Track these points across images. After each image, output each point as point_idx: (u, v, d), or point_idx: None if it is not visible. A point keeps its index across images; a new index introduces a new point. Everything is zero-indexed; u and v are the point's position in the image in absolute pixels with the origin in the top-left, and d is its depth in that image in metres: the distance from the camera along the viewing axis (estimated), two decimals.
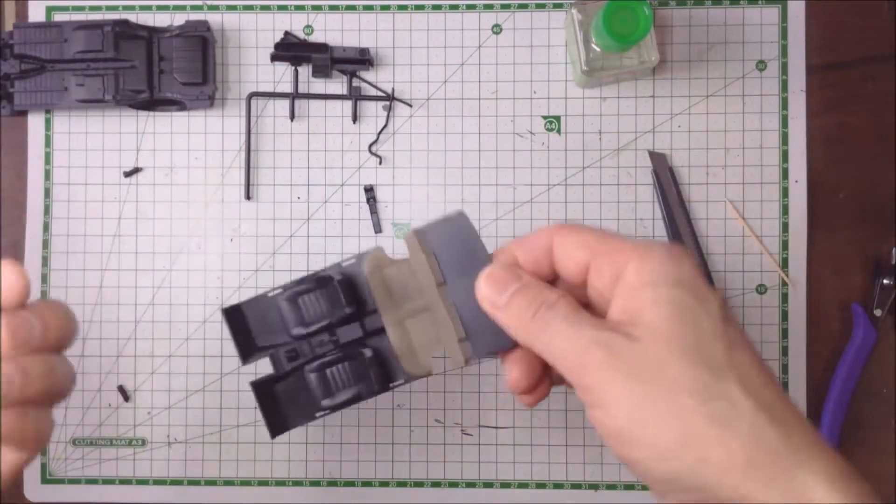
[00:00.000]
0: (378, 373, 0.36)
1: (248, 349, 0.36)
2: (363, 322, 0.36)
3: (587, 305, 0.32)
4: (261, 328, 0.36)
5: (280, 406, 0.36)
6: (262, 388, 0.36)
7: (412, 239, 0.34)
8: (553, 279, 0.34)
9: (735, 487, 0.27)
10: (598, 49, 0.54)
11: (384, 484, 0.58)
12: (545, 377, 0.35)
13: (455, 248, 0.34)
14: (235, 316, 0.36)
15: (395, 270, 0.36)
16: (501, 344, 0.33)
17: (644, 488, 0.57)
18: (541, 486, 0.57)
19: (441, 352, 0.35)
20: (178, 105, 0.58)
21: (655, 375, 0.28)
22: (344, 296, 0.35)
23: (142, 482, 0.58)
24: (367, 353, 0.36)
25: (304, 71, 0.58)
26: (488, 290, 0.32)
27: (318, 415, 0.36)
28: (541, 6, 0.58)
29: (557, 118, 0.58)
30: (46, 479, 0.58)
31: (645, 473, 0.29)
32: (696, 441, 0.27)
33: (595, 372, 0.29)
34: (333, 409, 0.36)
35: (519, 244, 0.34)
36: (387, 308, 0.35)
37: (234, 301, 0.47)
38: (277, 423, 0.36)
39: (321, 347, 0.36)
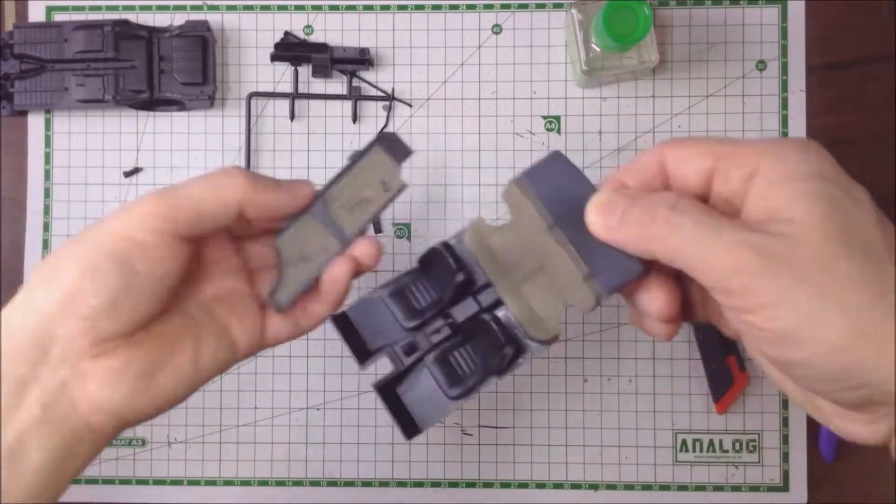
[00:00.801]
0: (509, 346, 0.33)
1: (363, 353, 0.35)
2: (477, 299, 0.34)
3: None
4: (372, 330, 0.35)
5: (412, 408, 0.34)
6: (386, 390, 0.34)
7: (512, 189, 0.32)
8: None
9: None
10: (598, 49, 0.54)
11: (384, 484, 0.58)
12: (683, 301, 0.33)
13: (558, 188, 0.31)
14: (344, 322, 0.35)
15: (500, 237, 0.34)
16: (630, 271, 0.30)
17: (645, 488, 0.57)
18: (541, 486, 0.57)
19: (565, 309, 0.33)
20: (178, 105, 0.58)
21: (822, 272, 0.26)
22: (453, 261, 0.33)
23: (142, 482, 0.58)
24: (493, 325, 0.33)
25: (304, 71, 0.58)
26: (599, 217, 0.30)
27: (451, 407, 0.34)
28: (541, 6, 0.58)
29: (557, 118, 0.58)
30: None
31: (809, 373, 0.28)
32: (872, 335, 0.26)
33: (750, 276, 0.27)
34: (465, 395, 0.34)
35: (626, 169, 0.31)
36: (499, 277, 0.33)
37: None
38: (409, 424, 0.35)
39: (438, 335, 0.34)
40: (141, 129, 0.59)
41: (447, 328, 0.34)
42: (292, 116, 0.58)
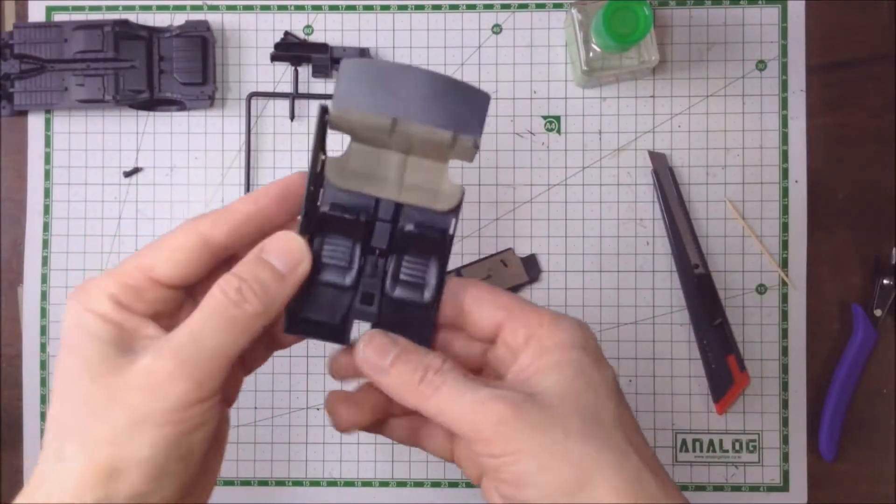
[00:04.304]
0: (428, 239, 0.34)
1: (339, 334, 0.34)
2: (381, 218, 0.34)
3: (478, 371, 0.35)
4: (325, 310, 0.34)
5: (406, 333, 0.34)
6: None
7: (334, 115, 0.32)
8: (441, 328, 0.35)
9: None
10: (598, 49, 0.54)
11: (384, 484, 0.58)
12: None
13: (372, 86, 0.32)
14: (300, 326, 0.34)
15: (355, 158, 0.34)
16: (483, 101, 0.33)
17: None
18: None
19: (447, 171, 0.34)
20: (178, 105, 0.58)
21: (554, 426, 0.30)
22: (342, 211, 0.33)
23: None
24: (409, 226, 0.34)
25: (304, 71, 0.58)
26: (370, 353, 0.32)
27: (438, 308, 0.34)
28: (541, 6, 0.58)
29: (557, 118, 0.58)
30: None
31: None
32: (589, 484, 0.30)
33: (496, 424, 0.30)
34: (438, 294, 0.34)
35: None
36: (381, 188, 0.33)
37: None
38: (425, 342, 0.34)
39: (374, 270, 0.34)
40: (141, 129, 0.59)
41: (380, 259, 0.34)
42: (292, 116, 0.58)
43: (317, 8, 0.59)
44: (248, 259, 0.31)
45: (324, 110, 0.32)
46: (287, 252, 0.31)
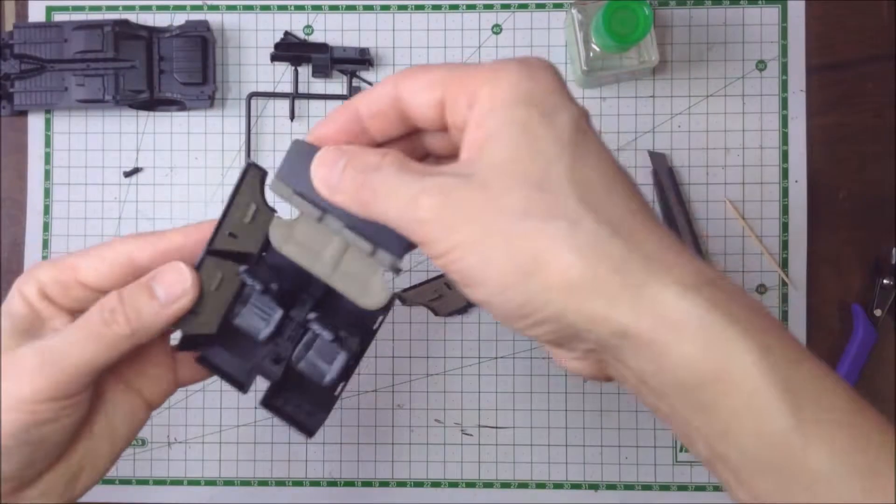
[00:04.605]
0: (355, 326, 0.35)
1: (240, 379, 0.35)
2: (309, 292, 0.35)
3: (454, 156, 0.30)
4: (236, 355, 0.35)
5: (298, 407, 0.36)
6: (273, 402, 0.36)
7: (276, 185, 0.32)
8: (409, 133, 0.31)
9: (580, 309, 0.25)
10: (598, 49, 0.54)
11: (384, 484, 0.58)
12: None
13: (303, 174, 0.31)
14: (211, 357, 0.35)
15: (301, 228, 0.34)
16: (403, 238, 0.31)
17: (645, 488, 0.57)
18: (541, 486, 0.57)
19: (382, 273, 0.33)
20: (178, 105, 0.58)
21: (489, 208, 0.25)
22: (272, 277, 0.34)
23: (142, 482, 0.58)
24: (318, 325, 0.34)
25: (304, 71, 0.58)
26: (320, 170, 0.30)
27: (336, 394, 0.35)
28: (541, 6, 0.58)
29: None
30: None
31: (497, 311, 0.27)
32: (537, 266, 0.25)
33: (429, 223, 0.26)
34: (338, 381, 0.35)
35: (361, 98, 0.30)
36: (316, 264, 0.33)
37: None
38: (306, 423, 0.36)
39: (294, 336, 0.35)
40: (141, 129, 0.59)
41: (300, 328, 0.35)
42: (292, 116, 0.58)
43: (317, 8, 0.59)
44: (137, 283, 0.33)
45: (250, 166, 0.33)
46: (172, 284, 0.32)
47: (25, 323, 0.33)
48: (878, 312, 0.56)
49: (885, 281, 0.56)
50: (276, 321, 0.35)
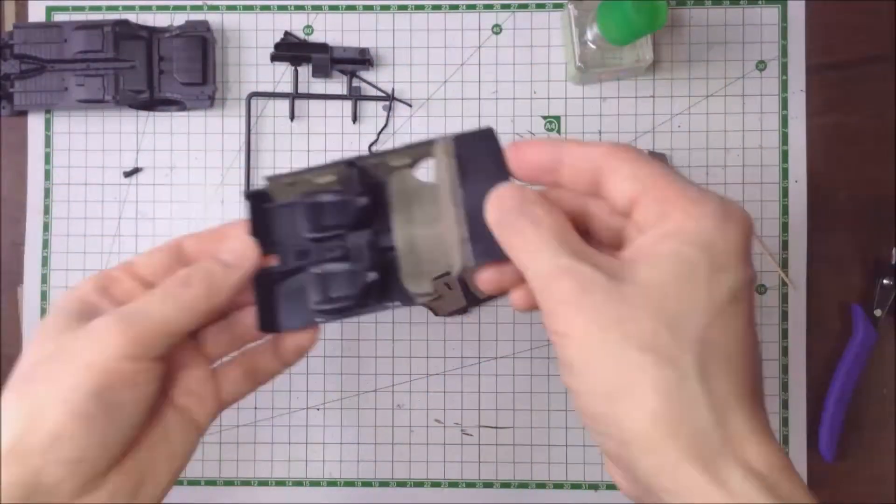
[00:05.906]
0: (376, 285, 0.35)
1: (264, 243, 0.36)
2: (376, 231, 0.35)
3: (619, 237, 0.31)
4: (281, 226, 0.36)
5: (279, 305, 0.36)
6: (263, 280, 0.36)
7: (441, 145, 0.34)
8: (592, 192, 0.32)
9: (646, 453, 0.26)
10: (592, 46, 0.54)
11: (384, 484, 0.58)
12: None
13: (478, 158, 0.33)
14: (259, 208, 0.36)
15: (417, 185, 0.35)
16: (498, 253, 0.32)
17: None
18: (541, 486, 0.57)
19: (442, 269, 0.34)
20: (178, 105, 0.58)
21: (617, 321, 0.27)
22: (362, 186, 0.35)
23: None
24: (367, 258, 0.35)
25: (304, 71, 0.58)
26: (491, 205, 0.32)
27: (309, 318, 0.35)
28: (541, 6, 0.58)
29: (557, 118, 0.58)
30: None
31: (577, 404, 0.29)
32: (629, 395, 0.26)
33: (559, 301, 0.28)
34: (327, 314, 0.35)
35: (569, 149, 0.31)
36: (400, 211, 0.35)
37: None
38: (270, 319, 0.36)
39: (330, 252, 0.35)
40: (141, 129, 0.59)
41: (339, 249, 0.35)
42: (292, 116, 0.58)
43: (317, 8, 0.59)
44: (204, 253, 0.36)
45: (446, 140, 0.34)
46: (235, 249, 0.35)
47: (80, 311, 0.33)
48: (878, 312, 0.56)
49: (885, 281, 0.56)
50: (330, 233, 0.35)
